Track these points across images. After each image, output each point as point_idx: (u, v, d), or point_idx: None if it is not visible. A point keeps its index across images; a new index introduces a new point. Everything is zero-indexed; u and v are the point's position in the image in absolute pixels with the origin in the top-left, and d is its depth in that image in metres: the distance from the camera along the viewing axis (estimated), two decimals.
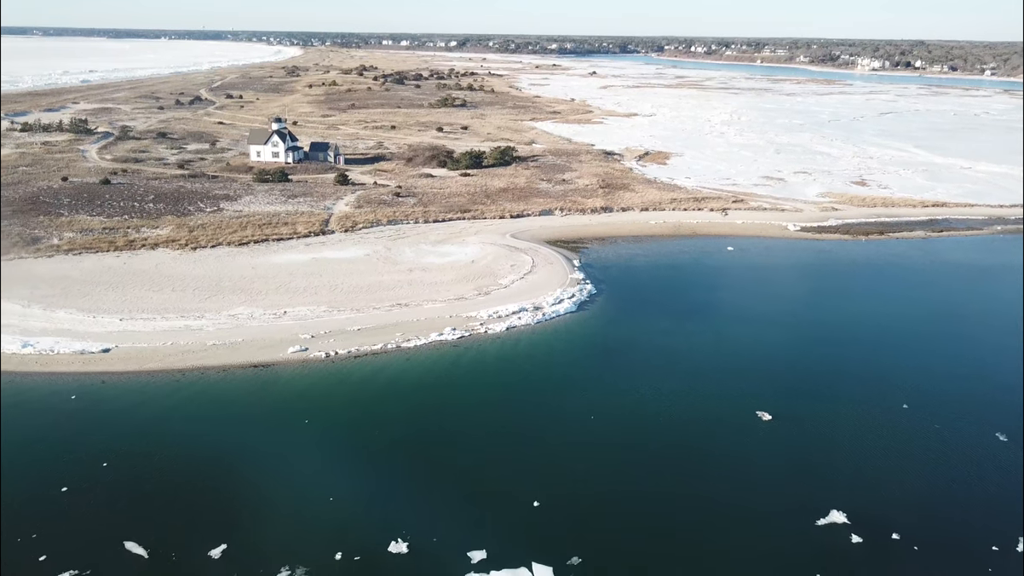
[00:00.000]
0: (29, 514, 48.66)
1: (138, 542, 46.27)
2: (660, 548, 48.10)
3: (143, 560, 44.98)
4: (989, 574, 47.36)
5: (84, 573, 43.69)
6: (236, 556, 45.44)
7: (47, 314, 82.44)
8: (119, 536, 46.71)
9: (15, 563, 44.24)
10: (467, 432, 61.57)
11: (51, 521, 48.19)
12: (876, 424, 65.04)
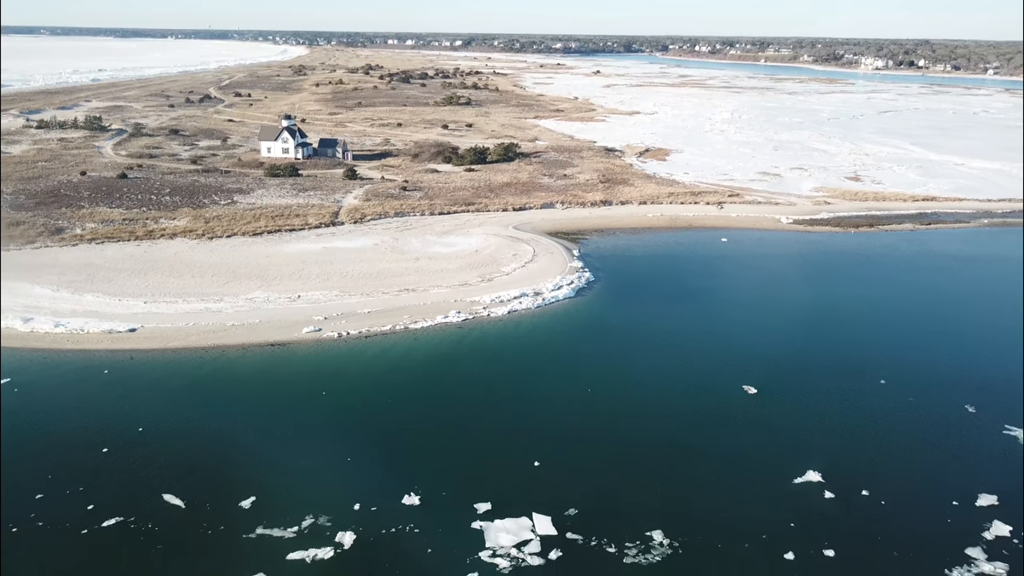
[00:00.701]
0: (75, 472, 53.66)
1: (175, 495, 51.29)
2: (648, 501, 52.84)
3: (181, 509, 50.00)
4: (948, 524, 51.95)
5: (129, 519, 48.69)
6: (264, 507, 50.37)
7: (75, 297, 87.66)
8: (158, 490, 51.74)
9: (66, 513, 49.28)
10: (471, 402, 66.54)
11: (95, 477, 53.21)
12: (854, 397, 69.79)
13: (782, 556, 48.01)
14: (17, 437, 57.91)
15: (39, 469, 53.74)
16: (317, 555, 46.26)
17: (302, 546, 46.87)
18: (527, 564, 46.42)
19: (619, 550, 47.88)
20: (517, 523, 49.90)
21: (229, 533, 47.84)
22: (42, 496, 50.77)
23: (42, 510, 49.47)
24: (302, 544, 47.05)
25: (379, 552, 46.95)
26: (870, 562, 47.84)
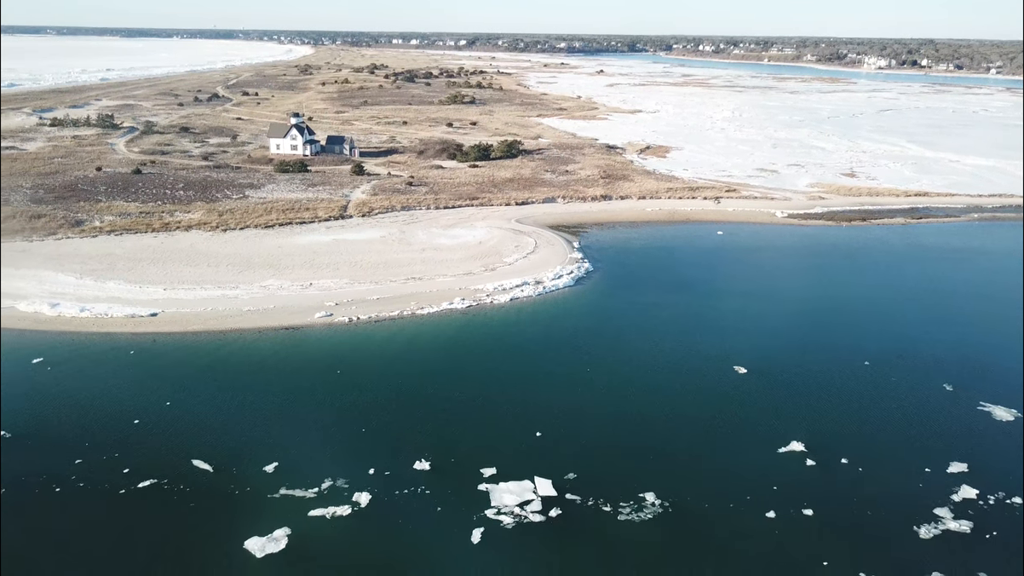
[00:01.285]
0: (109, 440, 57.82)
1: (204, 460, 55.40)
2: (642, 467, 56.80)
3: (209, 473, 54.13)
4: (919, 488, 55.83)
5: (162, 481, 52.83)
6: (286, 471, 54.47)
7: (98, 284, 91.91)
8: (187, 456, 55.87)
9: (104, 476, 53.38)
10: (476, 380, 70.59)
11: (129, 445, 57.35)
12: (838, 377, 73.71)
13: (764, 515, 51.96)
14: (53, 409, 62.14)
15: (76, 437, 57.93)
16: (336, 512, 50.36)
17: (322, 504, 50.97)
18: (529, 521, 50.45)
19: (614, 509, 51.89)
20: (520, 485, 53.94)
21: (255, 493, 51.95)
22: (80, 461, 54.94)
23: (81, 473, 53.65)
24: (322, 503, 51.15)
25: (393, 510, 51.03)
26: (845, 520, 51.74)
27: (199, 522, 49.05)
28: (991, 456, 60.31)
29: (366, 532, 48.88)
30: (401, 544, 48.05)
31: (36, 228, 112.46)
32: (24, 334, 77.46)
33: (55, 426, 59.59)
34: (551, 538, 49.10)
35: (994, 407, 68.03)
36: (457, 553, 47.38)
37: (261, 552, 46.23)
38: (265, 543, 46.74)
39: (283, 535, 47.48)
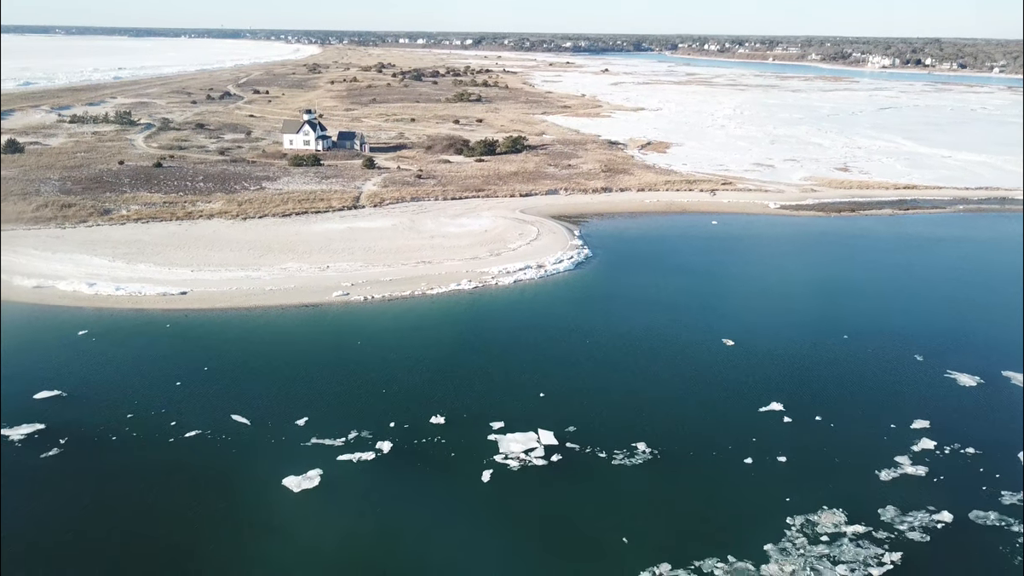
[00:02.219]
0: (156, 399, 64.22)
1: (242, 415, 61.86)
2: (634, 421, 62.78)
3: (248, 426, 60.52)
4: (883, 440, 61.83)
5: (206, 432, 59.25)
6: (316, 425, 60.73)
7: (130, 267, 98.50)
8: (227, 412, 62.25)
9: (154, 428, 59.79)
10: (484, 349, 76.97)
11: (173, 403, 63.77)
12: (818, 349, 79.80)
13: (742, 460, 58.12)
14: (102, 374, 68.69)
15: (125, 396, 64.37)
16: (362, 457, 56.73)
17: (349, 451, 57.30)
18: (533, 464, 56.74)
19: (608, 455, 58.13)
20: (525, 436, 60.23)
21: (289, 442, 58.33)
22: (132, 415, 61.39)
23: (133, 425, 60.12)
24: (349, 450, 57.49)
25: (412, 455, 57.41)
26: (813, 465, 57.85)
27: (241, 464, 55.47)
28: (952, 415, 66.35)
29: (388, 474, 55.24)
30: (420, 482, 54.45)
31: (68, 216, 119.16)
32: (67, 310, 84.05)
33: (105, 387, 66.11)
34: (552, 479, 55.39)
35: (960, 374, 74.01)
36: (469, 490, 53.72)
37: (297, 488, 52.64)
38: (300, 480, 53.16)
39: (316, 475, 53.87)
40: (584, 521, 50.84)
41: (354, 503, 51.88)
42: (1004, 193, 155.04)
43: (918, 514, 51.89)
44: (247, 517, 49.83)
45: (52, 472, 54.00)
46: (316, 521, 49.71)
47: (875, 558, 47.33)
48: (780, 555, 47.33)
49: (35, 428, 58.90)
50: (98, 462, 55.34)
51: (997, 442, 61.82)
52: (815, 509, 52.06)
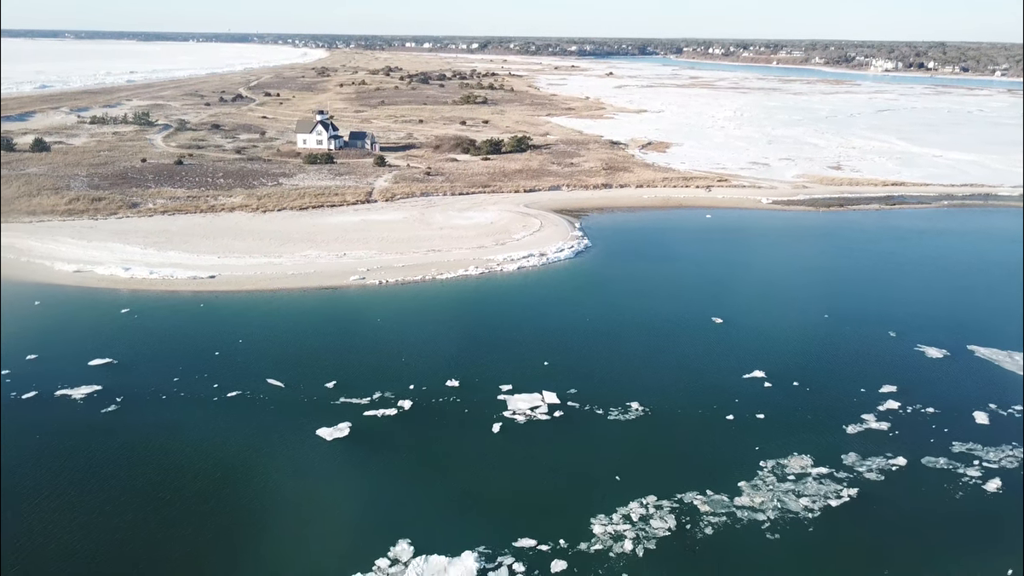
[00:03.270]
0: (198, 366, 71.14)
1: (276, 379, 68.88)
2: (629, 385, 69.45)
3: (281, 388, 67.48)
4: (853, 401, 68.33)
5: (245, 393, 66.24)
6: (343, 386, 67.60)
7: (161, 254, 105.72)
8: (262, 376, 69.22)
9: (199, 389, 66.81)
10: (492, 325, 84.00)
11: (214, 369, 70.74)
12: (800, 326, 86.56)
13: (724, 418, 64.89)
14: (147, 345, 75.73)
15: (170, 364, 71.42)
16: (385, 413, 63.68)
17: (374, 408, 64.25)
18: (538, 419, 63.63)
19: (604, 412, 64.96)
20: (531, 396, 67.13)
21: (320, 401, 65.28)
22: (178, 379, 68.46)
23: (180, 387, 67.17)
24: (374, 407, 64.42)
25: (430, 411, 64.35)
26: (787, 421, 64.53)
27: (278, 419, 62.46)
28: (917, 381, 72.97)
29: (410, 425, 62.21)
30: (438, 432, 61.39)
31: (99, 209, 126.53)
32: (106, 291, 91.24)
33: (151, 356, 73.21)
34: (555, 430, 62.28)
35: (928, 348, 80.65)
36: (480, 439, 60.62)
37: (330, 437, 59.60)
38: (332, 431, 60.11)
39: (346, 426, 60.80)
40: (582, 463, 57.71)
41: (380, 449, 58.86)
42: (988, 189, 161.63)
43: (876, 459, 58.69)
44: (286, 460, 56.81)
45: (112, 423, 61.10)
46: (347, 464, 56.77)
47: (834, 493, 54.13)
48: (752, 490, 54.16)
49: (93, 389, 66.03)
50: (151, 416, 62.42)
51: (955, 403, 68.49)
52: (785, 455, 58.90)
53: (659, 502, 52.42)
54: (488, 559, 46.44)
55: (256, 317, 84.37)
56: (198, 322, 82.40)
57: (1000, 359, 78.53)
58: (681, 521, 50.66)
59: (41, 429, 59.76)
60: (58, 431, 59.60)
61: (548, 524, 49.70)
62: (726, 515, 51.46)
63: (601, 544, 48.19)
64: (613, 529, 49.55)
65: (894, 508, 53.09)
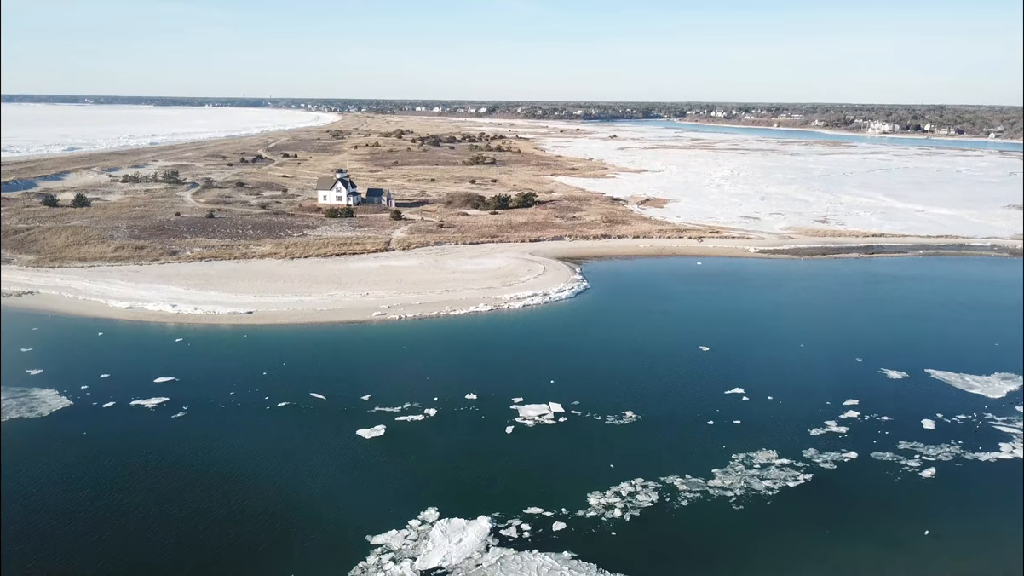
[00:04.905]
0: (250, 383, 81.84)
1: (319, 392, 79.55)
2: (624, 399, 79.47)
3: (324, 400, 78.08)
4: (819, 412, 77.97)
5: (293, 403, 76.88)
6: (376, 399, 78.00)
7: (202, 293, 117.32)
8: (306, 391, 79.89)
9: (251, 401, 77.43)
10: (502, 351, 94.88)
11: (263, 385, 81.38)
12: (778, 354, 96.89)
13: (705, 423, 75.00)
14: (203, 367, 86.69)
15: (225, 381, 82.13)
16: (414, 418, 74.11)
17: (404, 415, 74.66)
18: (545, 424, 73.92)
19: (603, 418, 75.22)
20: (539, 406, 77.48)
21: (357, 410, 75.67)
22: (233, 393, 79.19)
23: (236, 399, 77.82)
24: (404, 414, 74.84)
25: (453, 417, 74.80)
26: (760, 426, 74.37)
27: (324, 423, 73.01)
28: (876, 396, 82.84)
29: (436, 427, 72.66)
30: (459, 432, 71.79)
31: (142, 256, 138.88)
32: (156, 325, 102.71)
33: (208, 375, 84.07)
34: (558, 432, 72.55)
35: (890, 371, 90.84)
36: (495, 437, 70.99)
37: (369, 436, 70.07)
38: (370, 432, 70.59)
39: (381, 428, 71.31)
40: (581, 455, 67.86)
41: (411, 444, 69.26)
42: (961, 240, 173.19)
43: (831, 453, 68.77)
44: (333, 454, 67.22)
45: (183, 426, 71.83)
46: (384, 454, 67.16)
47: (792, 477, 64.14)
48: (723, 475, 64.21)
49: (162, 400, 76.86)
50: (215, 420, 73.12)
51: (906, 413, 78.45)
52: (754, 450, 69.00)
53: (645, 483, 62.49)
54: (500, 521, 56.52)
55: (294, 345, 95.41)
56: (244, 349, 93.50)
57: (952, 380, 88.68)
58: (662, 496, 60.70)
59: (123, 429, 70.60)
60: (138, 431, 70.41)
61: (551, 497, 59.82)
62: (700, 492, 61.49)
63: (595, 512, 58.25)
64: (605, 501, 59.63)
65: (841, 488, 63.07)
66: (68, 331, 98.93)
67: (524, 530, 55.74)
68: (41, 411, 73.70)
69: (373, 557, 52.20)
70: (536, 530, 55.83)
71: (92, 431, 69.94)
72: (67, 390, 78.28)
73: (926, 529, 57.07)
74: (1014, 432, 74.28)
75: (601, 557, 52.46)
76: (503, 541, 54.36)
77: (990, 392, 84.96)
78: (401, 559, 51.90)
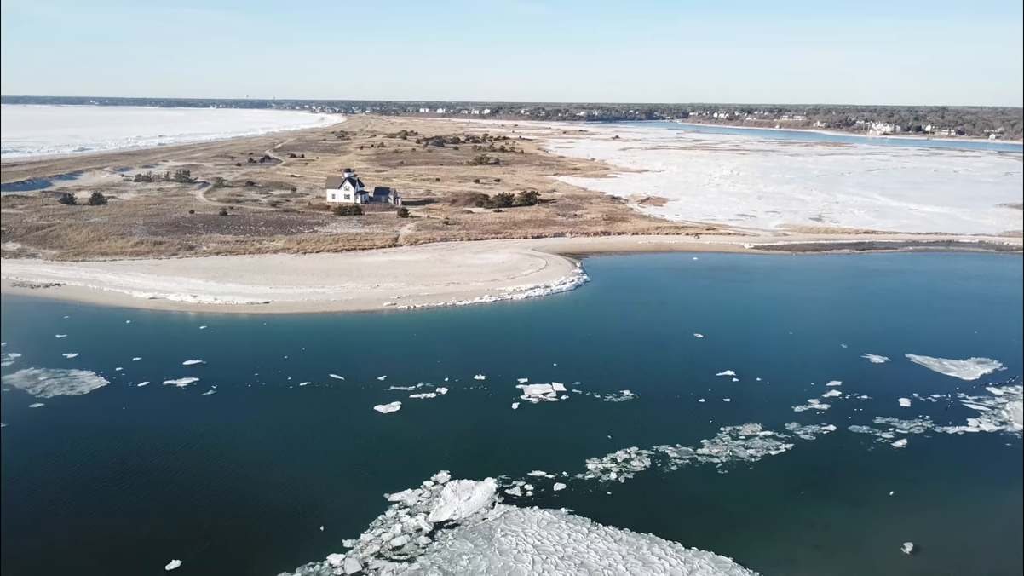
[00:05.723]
0: (272, 365, 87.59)
1: (337, 373, 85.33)
2: (622, 379, 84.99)
3: (342, 380, 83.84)
4: (803, 392, 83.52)
5: (313, 383, 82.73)
6: (391, 379, 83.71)
7: (220, 285, 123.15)
8: (325, 372, 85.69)
9: (275, 381, 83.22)
10: (506, 338, 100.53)
11: (284, 367, 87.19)
12: (768, 341, 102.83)
13: (697, 401, 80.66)
14: (228, 351, 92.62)
15: (249, 364, 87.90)
16: (426, 396, 79.90)
17: (418, 393, 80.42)
18: (548, 401, 79.68)
19: (602, 396, 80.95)
20: (542, 386, 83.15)
21: (374, 389, 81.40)
22: (257, 374, 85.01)
23: (261, 380, 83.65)
24: (418, 392, 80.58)
25: (463, 395, 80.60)
26: (749, 404, 79.90)
27: (344, 400, 78.86)
28: (858, 378, 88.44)
29: (447, 404, 78.54)
30: (469, 408, 77.64)
31: (161, 250, 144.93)
32: (179, 314, 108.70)
33: (233, 359, 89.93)
34: (561, 408, 78.34)
35: (873, 356, 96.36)
36: (502, 412, 76.83)
37: (386, 411, 75.92)
38: (387, 407, 76.43)
39: (397, 404, 77.15)
40: (581, 428, 73.60)
41: (425, 418, 75.18)
42: (950, 237, 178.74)
43: (812, 427, 74.49)
44: (353, 426, 73.12)
45: (213, 402, 77.80)
46: (400, 426, 73.04)
47: (774, 447, 69.86)
48: (710, 444, 69.96)
49: (192, 380, 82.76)
50: (242, 398, 79.08)
51: (885, 393, 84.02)
52: (741, 424, 74.69)
53: (639, 451, 68.26)
54: (505, 482, 62.34)
55: (310, 332, 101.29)
56: (264, 335, 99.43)
57: (930, 364, 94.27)
58: (654, 462, 66.46)
59: (159, 405, 76.72)
60: (172, 407, 76.54)
61: (552, 463, 65.62)
62: (689, 459, 67.25)
63: (592, 475, 64.05)
64: (602, 466, 65.43)
65: (818, 456, 68.81)
66: (97, 319, 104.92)
67: (527, 490, 61.54)
68: (82, 389, 79.69)
69: (391, 511, 58.05)
70: (538, 490, 61.62)
71: (130, 407, 75.92)
72: (103, 371, 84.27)
73: (891, 490, 62.72)
74: (982, 409, 79.94)
75: (596, 512, 58.20)
76: (508, 499, 60.19)
77: (965, 375, 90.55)
78: (416, 513, 57.73)
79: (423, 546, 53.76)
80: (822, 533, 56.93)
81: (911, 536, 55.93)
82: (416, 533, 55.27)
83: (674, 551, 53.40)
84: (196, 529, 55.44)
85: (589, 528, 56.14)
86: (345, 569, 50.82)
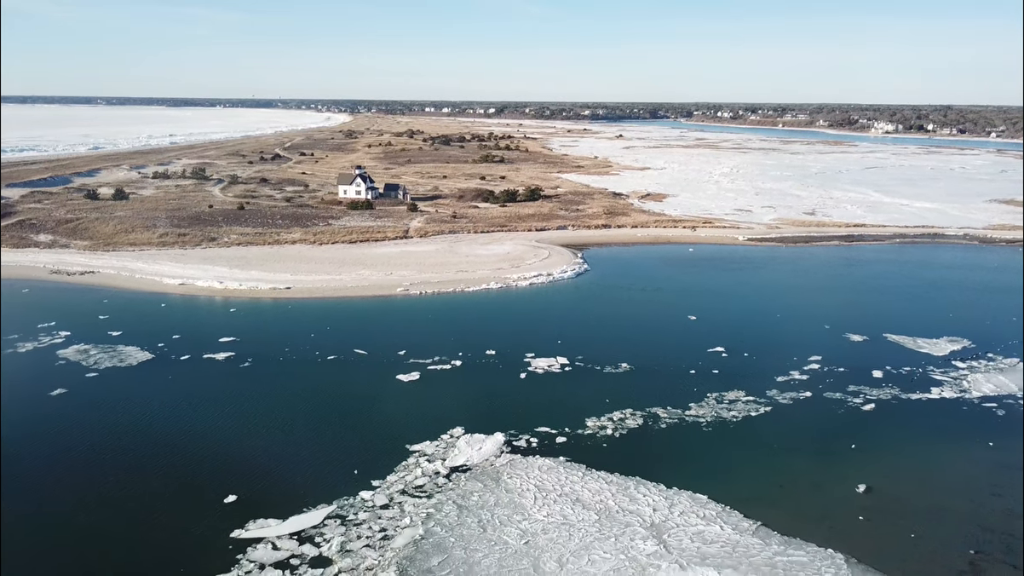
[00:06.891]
0: (300, 343, 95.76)
1: (361, 349, 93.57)
2: (620, 354, 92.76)
3: (365, 355, 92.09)
4: (787, 364, 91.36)
5: (339, 357, 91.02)
6: (410, 353, 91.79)
7: (244, 272, 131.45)
8: (349, 347, 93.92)
9: (304, 355, 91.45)
10: (513, 319, 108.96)
11: (312, 344, 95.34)
12: (757, 321, 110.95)
13: (688, 372, 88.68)
14: (258, 329, 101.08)
15: (279, 340, 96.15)
16: (443, 367, 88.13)
17: (435, 365, 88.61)
18: (553, 372, 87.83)
19: (602, 368, 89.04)
20: (548, 359, 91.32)
21: (395, 362, 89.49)
22: (288, 349, 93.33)
23: (292, 354, 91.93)
24: (435, 364, 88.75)
25: (475, 367, 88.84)
26: (736, 376, 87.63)
27: (368, 370, 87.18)
28: (838, 354, 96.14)
29: (462, 373, 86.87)
30: (481, 377, 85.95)
31: (185, 241, 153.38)
32: (207, 298, 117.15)
33: (264, 336, 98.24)
34: (564, 377, 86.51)
35: (853, 335, 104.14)
36: (511, 381, 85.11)
37: (406, 380, 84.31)
38: (407, 376, 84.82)
39: (416, 374, 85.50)
40: (582, 396, 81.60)
41: (441, 385, 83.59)
42: (936, 230, 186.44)
43: (790, 393, 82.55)
44: (378, 391, 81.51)
45: (251, 372, 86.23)
46: (419, 392, 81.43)
47: (754, 410, 77.95)
48: (697, 407, 78.07)
49: (229, 354, 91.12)
50: (275, 369, 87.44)
51: (860, 366, 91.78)
52: (726, 390, 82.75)
53: (633, 412, 76.42)
54: (513, 436, 70.57)
55: (331, 313, 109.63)
56: (290, 316, 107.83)
57: (905, 342, 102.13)
58: (647, 421, 74.63)
59: (202, 375, 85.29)
60: (214, 376, 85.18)
61: (555, 421, 73.82)
62: (678, 419, 75.40)
63: (591, 431, 72.26)
64: (600, 424, 73.63)
65: (792, 417, 76.93)
66: (133, 303, 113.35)
67: (532, 442, 69.73)
68: (130, 362, 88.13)
69: (413, 459, 66.30)
70: (542, 443, 69.82)
71: (176, 376, 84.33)
72: (147, 346, 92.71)
73: (853, 444, 70.78)
74: (946, 380, 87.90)
75: (591, 460, 66.37)
76: (515, 450, 68.40)
77: (936, 351, 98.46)
78: (434, 460, 65.99)
79: (440, 485, 62.02)
80: (787, 477, 65.05)
81: (865, 480, 63.98)
82: (435, 476, 63.51)
83: (657, 490, 61.56)
84: (248, 473, 63.75)
85: (584, 472, 64.33)
86: (375, 502, 59.05)
